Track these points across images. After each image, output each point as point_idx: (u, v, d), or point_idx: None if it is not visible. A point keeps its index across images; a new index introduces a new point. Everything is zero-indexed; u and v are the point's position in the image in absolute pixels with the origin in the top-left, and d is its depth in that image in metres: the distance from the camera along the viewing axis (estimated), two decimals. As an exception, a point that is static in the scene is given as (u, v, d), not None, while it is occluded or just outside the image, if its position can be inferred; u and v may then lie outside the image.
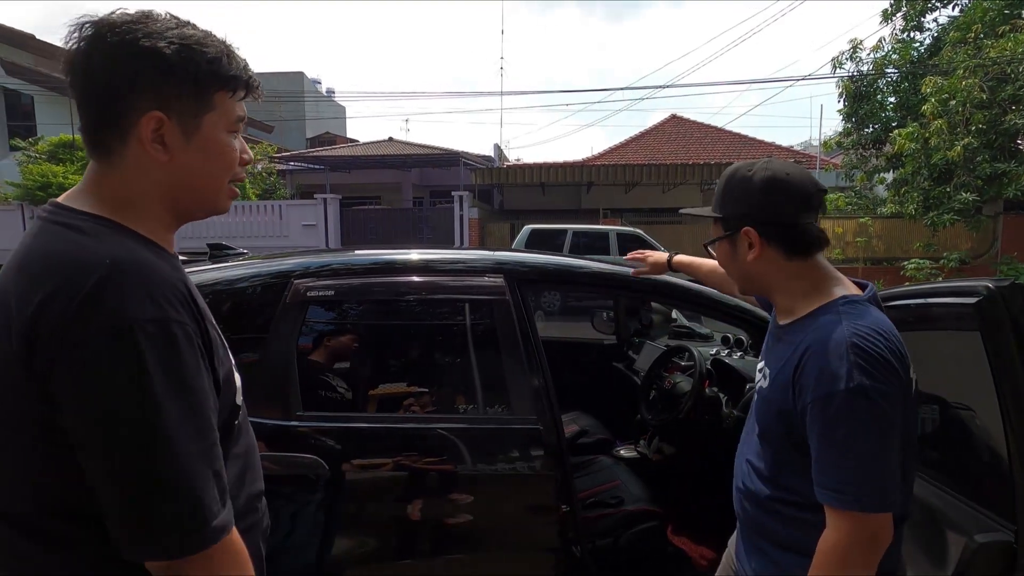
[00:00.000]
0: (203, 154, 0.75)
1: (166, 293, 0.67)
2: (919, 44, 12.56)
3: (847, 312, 0.94)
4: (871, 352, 0.88)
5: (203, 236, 13.13)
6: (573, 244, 10.30)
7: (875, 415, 0.86)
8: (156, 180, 0.73)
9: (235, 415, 0.81)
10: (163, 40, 0.69)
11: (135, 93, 0.69)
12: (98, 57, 0.69)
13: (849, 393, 0.86)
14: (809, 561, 0.96)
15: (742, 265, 1.05)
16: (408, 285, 1.77)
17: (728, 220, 1.04)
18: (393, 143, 18.43)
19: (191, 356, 0.67)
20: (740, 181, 1.02)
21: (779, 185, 0.98)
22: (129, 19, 0.70)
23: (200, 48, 0.72)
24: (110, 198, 0.72)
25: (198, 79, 0.72)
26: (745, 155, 16.70)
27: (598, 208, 15.30)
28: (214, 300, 1.67)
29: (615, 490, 2.09)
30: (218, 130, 0.76)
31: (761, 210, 0.99)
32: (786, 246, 1.00)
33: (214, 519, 0.66)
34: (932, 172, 10.10)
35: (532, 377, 1.65)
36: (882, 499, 0.87)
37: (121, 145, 0.71)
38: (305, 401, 1.60)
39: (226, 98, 0.76)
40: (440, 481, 1.59)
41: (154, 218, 0.75)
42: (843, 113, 13.10)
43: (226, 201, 0.82)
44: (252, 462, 0.88)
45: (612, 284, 2.08)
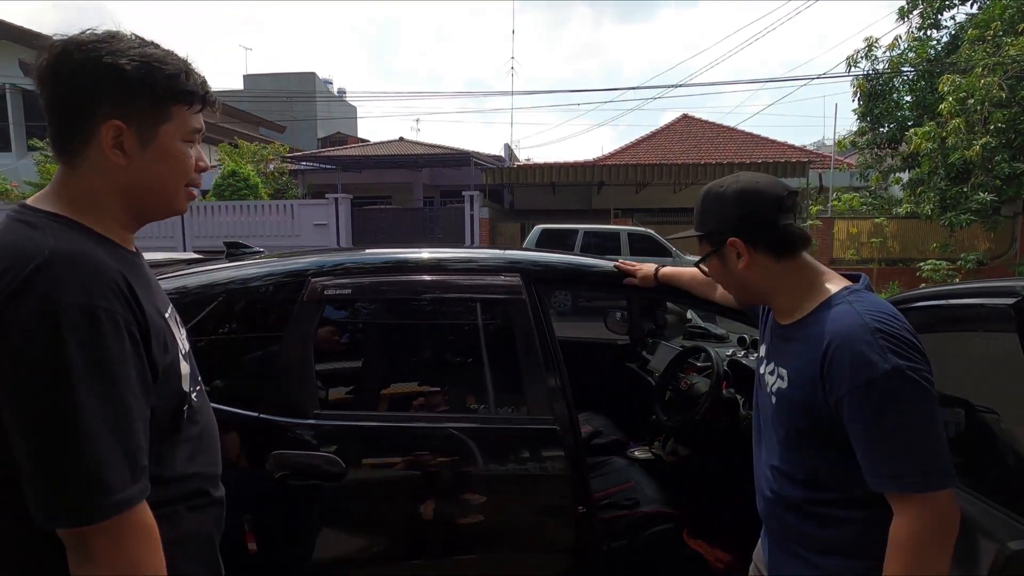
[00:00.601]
0: (159, 160, 0.83)
1: (97, 282, 0.72)
2: (936, 42, 12.38)
3: (857, 300, 0.95)
4: (896, 334, 0.89)
5: (218, 235, 13.28)
6: (584, 244, 10.26)
7: (919, 392, 0.86)
8: (115, 182, 0.81)
9: (183, 401, 0.86)
10: (124, 57, 0.77)
11: (97, 104, 0.77)
12: (64, 71, 0.77)
13: (888, 376, 0.86)
14: (855, 562, 0.95)
15: (736, 275, 1.07)
16: (424, 284, 1.76)
17: (712, 236, 1.08)
18: (404, 143, 18.50)
19: (115, 342, 0.72)
20: (715, 197, 1.07)
21: (751, 193, 1.03)
22: (95, 38, 0.78)
23: (159, 65, 0.80)
24: (70, 198, 0.80)
25: (156, 93, 0.80)
26: (757, 154, 16.57)
27: (609, 208, 15.27)
28: (229, 298, 1.68)
29: (630, 491, 2.07)
30: (174, 139, 0.84)
31: (740, 219, 1.03)
32: (773, 248, 1.03)
33: (115, 493, 0.70)
34: (949, 172, 9.95)
35: (549, 377, 1.63)
36: (945, 474, 0.87)
37: (84, 150, 0.79)
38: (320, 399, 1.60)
39: (183, 111, 0.84)
40: (456, 480, 1.59)
41: (111, 217, 0.82)
42: (858, 112, 12.95)
43: (183, 202, 0.89)
44: (205, 446, 0.93)
45: (629, 285, 2.06)
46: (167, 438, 0.84)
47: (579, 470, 1.60)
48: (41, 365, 0.68)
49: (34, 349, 0.68)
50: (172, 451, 0.85)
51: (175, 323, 0.91)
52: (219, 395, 1.57)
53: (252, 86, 27.00)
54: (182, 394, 0.86)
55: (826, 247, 12.78)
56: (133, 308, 0.76)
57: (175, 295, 1.65)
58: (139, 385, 0.75)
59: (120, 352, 0.72)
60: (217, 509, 0.96)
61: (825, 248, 12.74)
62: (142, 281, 0.82)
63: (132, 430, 0.73)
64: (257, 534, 1.47)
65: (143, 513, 0.74)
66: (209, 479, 0.93)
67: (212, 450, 0.96)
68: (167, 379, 0.82)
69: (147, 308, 0.79)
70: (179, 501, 0.86)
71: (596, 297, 7.46)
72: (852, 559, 0.98)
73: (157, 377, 0.79)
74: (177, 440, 0.86)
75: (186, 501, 0.87)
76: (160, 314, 0.84)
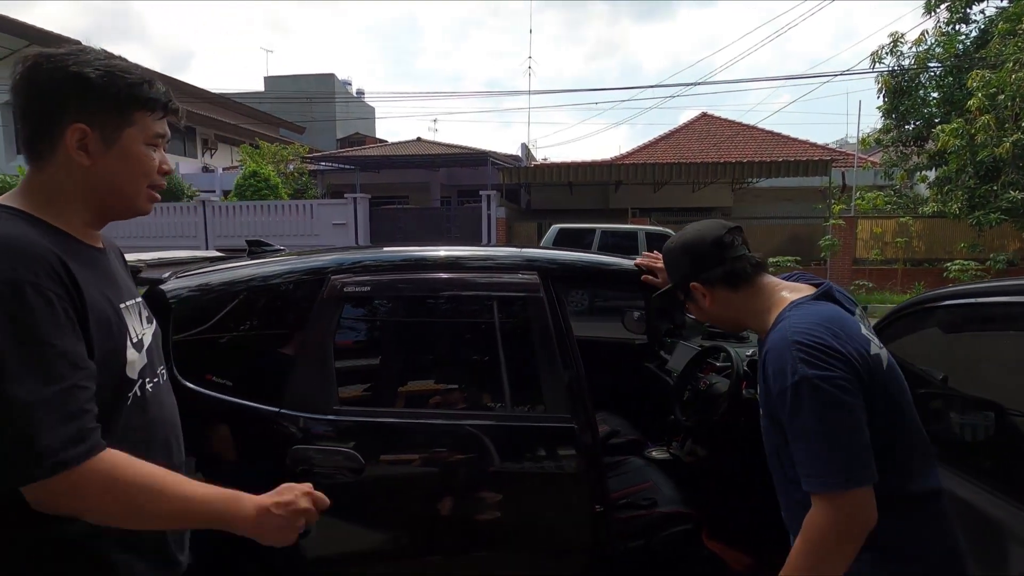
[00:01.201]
0: (122, 161, 0.89)
1: (30, 262, 0.78)
2: (965, 36, 12.08)
3: (792, 315, 1.04)
4: (810, 344, 0.96)
5: (240, 235, 13.49)
6: (601, 244, 10.21)
7: (823, 400, 0.93)
8: (78, 181, 0.87)
9: (125, 388, 0.89)
10: (89, 67, 0.85)
11: (63, 108, 0.85)
12: (35, 80, 0.85)
13: (796, 385, 0.95)
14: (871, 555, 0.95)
15: (707, 312, 1.21)
16: (443, 281, 1.77)
17: (678, 286, 1.23)
18: (421, 143, 18.61)
19: (45, 314, 0.77)
20: (669, 253, 1.26)
21: (692, 242, 1.19)
22: (64, 52, 0.86)
23: (122, 74, 0.87)
24: (29, 195, 0.87)
25: (119, 99, 0.87)
26: (778, 153, 16.32)
27: (626, 208, 15.15)
28: (251, 295, 1.71)
29: (647, 491, 2.05)
30: (137, 142, 0.90)
31: (692, 265, 1.18)
32: (727, 282, 1.14)
33: (53, 455, 0.74)
34: (978, 169, 9.71)
35: (566, 375, 1.63)
36: (847, 476, 0.91)
37: (51, 152, 0.86)
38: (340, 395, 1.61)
39: (146, 117, 0.90)
40: (473, 477, 1.59)
41: (73, 213, 0.89)
42: (882, 109, 12.69)
43: (145, 203, 0.95)
44: (156, 436, 0.96)
45: (648, 283, 2.04)
46: (107, 421, 0.86)
47: (596, 469, 1.59)
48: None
49: None
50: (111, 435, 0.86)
51: (134, 315, 0.96)
52: (240, 390, 1.60)
53: (273, 88, 27.39)
54: (125, 380, 0.89)
55: (849, 247, 12.53)
56: (68, 288, 0.80)
57: (197, 292, 1.68)
58: (76, 355, 0.79)
59: (53, 324, 0.77)
60: None
61: (848, 248, 12.50)
62: (92, 270, 0.88)
63: (68, 394, 0.77)
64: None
65: (94, 467, 0.78)
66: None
67: (166, 441, 0.98)
68: (106, 363, 0.85)
69: (88, 292, 0.84)
70: None
71: (614, 296, 7.42)
72: (872, 553, 0.97)
73: (93, 355, 0.83)
74: (117, 426, 0.88)
75: None
76: (109, 301, 0.88)
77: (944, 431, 1.58)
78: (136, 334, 0.93)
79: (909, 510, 0.99)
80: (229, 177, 17.67)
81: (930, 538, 1.00)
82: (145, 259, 1.71)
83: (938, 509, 1.02)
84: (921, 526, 1.00)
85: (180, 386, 1.51)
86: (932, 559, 0.99)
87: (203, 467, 1.51)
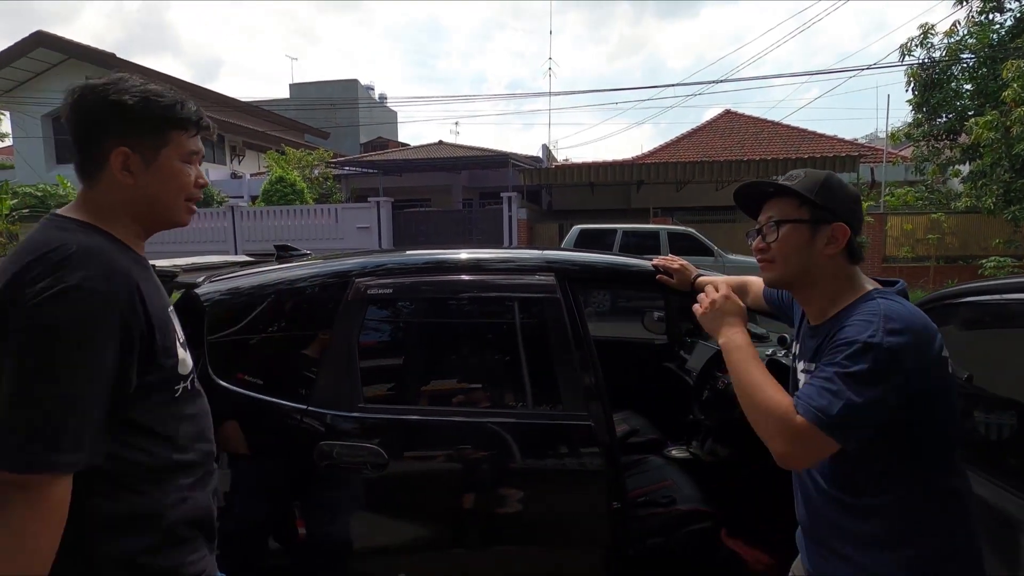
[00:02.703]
0: (160, 178, 0.97)
1: (113, 276, 0.86)
2: (999, 26, 11.69)
3: (882, 298, 1.03)
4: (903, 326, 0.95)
5: (267, 239, 13.80)
6: (623, 244, 10.16)
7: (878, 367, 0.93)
8: (124, 199, 0.96)
9: (178, 381, 0.98)
10: (127, 94, 0.93)
11: (106, 133, 0.93)
12: (80, 110, 0.93)
13: (868, 345, 0.94)
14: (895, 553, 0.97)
15: (812, 255, 1.08)
16: (461, 283, 1.82)
17: (822, 210, 1.07)
18: (443, 146, 18.74)
19: (108, 326, 0.84)
20: (839, 185, 1.11)
21: (859, 201, 1.12)
22: (105, 82, 0.94)
23: (156, 98, 0.95)
24: (90, 210, 0.95)
25: (155, 121, 0.95)
26: (804, 150, 16.01)
27: (648, 207, 15.05)
28: (278, 297, 1.78)
29: (666, 490, 2.06)
30: (173, 160, 0.98)
31: (852, 215, 1.09)
32: (852, 252, 1.10)
33: (55, 453, 0.79)
34: (1014, 163, 9.39)
35: (584, 374, 1.66)
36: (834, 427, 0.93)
37: (99, 172, 0.94)
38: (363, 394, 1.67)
39: (180, 136, 0.98)
40: (492, 474, 1.63)
41: (123, 227, 0.97)
42: (913, 103, 12.36)
43: (183, 216, 1.03)
44: (202, 425, 1.05)
45: (663, 283, 2.06)
46: (170, 412, 0.96)
47: (614, 466, 1.62)
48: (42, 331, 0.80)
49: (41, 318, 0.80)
50: (177, 425, 0.97)
51: (175, 318, 1.04)
52: (270, 388, 1.68)
53: (298, 95, 27.92)
54: (178, 375, 0.98)
55: (878, 244, 12.23)
56: (138, 302, 0.88)
57: (229, 295, 1.76)
58: (115, 369, 0.85)
59: (105, 337, 0.83)
60: (214, 485, 1.08)
61: (877, 245, 12.20)
62: (148, 279, 0.96)
63: (94, 405, 0.83)
64: (306, 519, 1.56)
65: (65, 488, 0.82)
66: (208, 455, 1.05)
67: (208, 431, 1.08)
68: (165, 362, 0.94)
69: (151, 300, 0.92)
70: (184, 470, 0.98)
71: (635, 297, 7.39)
72: (892, 551, 0.99)
73: (156, 357, 0.92)
74: (178, 414, 0.98)
75: (193, 473, 1.00)
76: (164, 307, 0.97)
77: (970, 430, 1.57)
78: (181, 335, 1.02)
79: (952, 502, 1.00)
80: (256, 183, 18.07)
81: (964, 533, 1.00)
82: (180, 264, 1.79)
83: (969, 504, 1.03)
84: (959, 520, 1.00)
85: (214, 384, 1.58)
86: (962, 554, 1.00)
87: (234, 461, 1.59)
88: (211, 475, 1.06)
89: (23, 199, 15.81)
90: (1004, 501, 1.21)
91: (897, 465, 0.99)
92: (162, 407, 0.95)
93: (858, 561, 1.03)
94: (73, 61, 18.29)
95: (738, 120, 19.38)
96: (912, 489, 0.99)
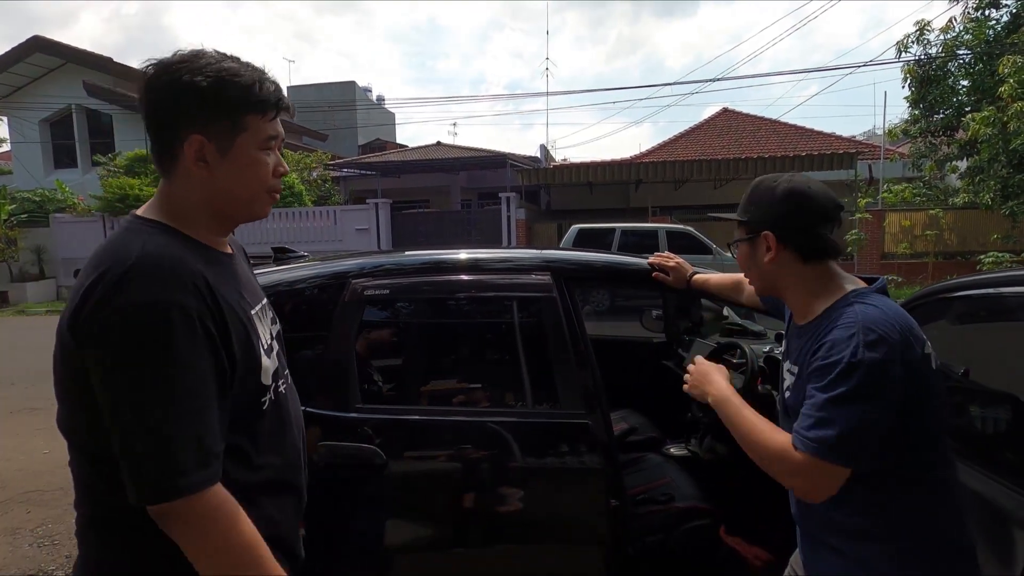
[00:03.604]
0: (237, 169, 0.88)
1: (177, 282, 0.78)
2: (995, 22, 11.71)
3: (859, 302, 1.02)
4: (880, 334, 0.95)
5: (266, 241, 13.80)
6: (622, 243, 10.17)
7: (866, 384, 0.93)
8: (201, 192, 0.88)
9: (262, 393, 0.91)
10: (200, 75, 0.83)
11: (179, 121, 0.84)
12: (152, 95, 0.85)
13: (851, 364, 0.93)
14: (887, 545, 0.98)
15: (759, 266, 1.13)
16: (458, 283, 1.82)
17: (750, 224, 1.13)
18: (441, 147, 18.76)
19: (185, 335, 0.77)
20: (765, 190, 1.12)
21: (798, 196, 1.07)
22: (178, 59, 0.85)
23: (232, 78, 0.85)
24: (165, 207, 0.88)
25: (229, 105, 0.85)
26: (802, 148, 16.03)
27: (647, 206, 15.06)
28: (276, 299, 1.78)
29: (665, 487, 2.07)
30: (250, 148, 0.88)
31: (780, 217, 1.08)
32: (802, 251, 1.08)
33: (185, 476, 0.75)
34: (1011, 158, 9.41)
35: (580, 372, 1.67)
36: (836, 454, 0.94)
37: (173, 164, 0.87)
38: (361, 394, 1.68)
39: (257, 120, 0.88)
40: (489, 473, 1.64)
41: (200, 223, 0.89)
42: (910, 100, 12.37)
43: (263, 208, 0.94)
44: (288, 438, 0.98)
45: (659, 281, 2.07)
46: (248, 427, 0.88)
47: (612, 464, 1.62)
48: (120, 356, 0.75)
49: (114, 342, 0.75)
50: (254, 440, 0.89)
51: (264, 320, 0.96)
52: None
53: (296, 97, 27.89)
54: (261, 386, 0.90)
55: (876, 241, 12.24)
56: (209, 304, 0.81)
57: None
58: (211, 373, 0.80)
59: (191, 345, 0.77)
60: (296, 497, 1.01)
61: (875, 242, 12.21)
62: (228, 279, 0.89)
63: (201, 417, 0.78)
64: (306, 519, 1.56)
65: (215, 495, 0.78)
66: (291, 469, 0.98)
67: (295, 442, 1.00)
68: (245, 372, 0.86)
69: (228, 304, 0.84)
70: (260, 488, 0.90)
71: (634, 296, 7.39)
72: (882, 543, 1.00)
73: (236, 368, 0.84)
74: (258, 430, 0.90)
75: (267, 488, 0.92)
76: (243, 311, 0.89)
77: (965, 424, 1.58)
78: (266, 340, 0.94)
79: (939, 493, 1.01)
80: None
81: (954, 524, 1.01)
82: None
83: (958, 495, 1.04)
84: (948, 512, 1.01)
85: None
86: (952, 546, 1.00)
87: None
88: (293, 490, 0.99)
89: (21, 204, 15.81)
90: (999, 496, 1.21)
91: (885, 461, 1.00)
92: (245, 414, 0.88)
93: (848, 553, 1.04)
94: (71, 66, 18.29)
95: (736, 118, 19.41)
96: (900, 483, 1.00)
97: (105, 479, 0.80)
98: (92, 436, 0.80)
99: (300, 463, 1.01)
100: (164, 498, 0.75)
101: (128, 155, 16.16)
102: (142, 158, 15.89)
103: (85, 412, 0.79)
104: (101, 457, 0.80)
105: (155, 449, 0.75)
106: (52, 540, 3.07)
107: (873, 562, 1.01)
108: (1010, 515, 1.09)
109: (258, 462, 0.90)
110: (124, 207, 15.00)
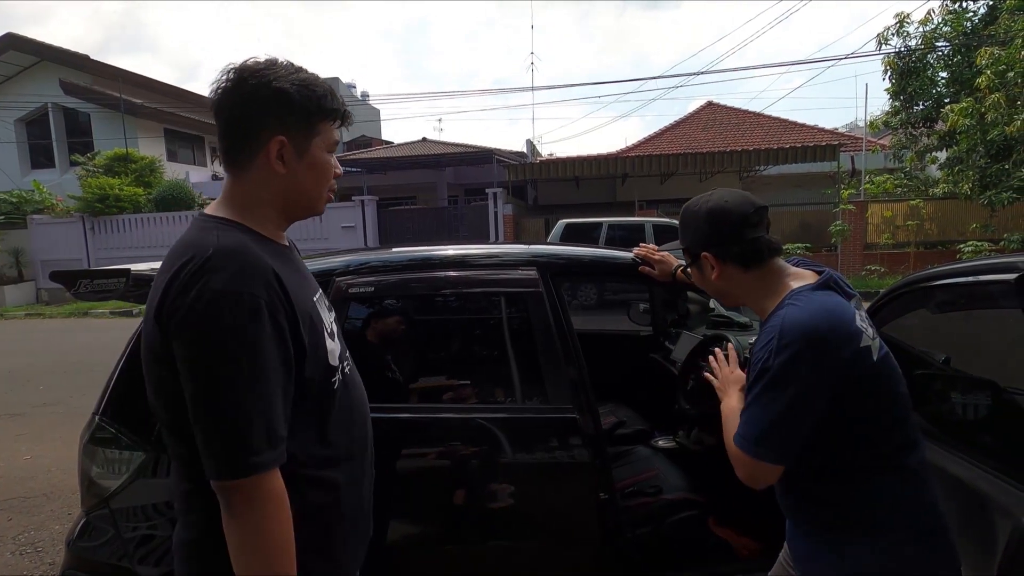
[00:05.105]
0: (311, 169, 0.97)
1: (249, 273, 0.85)
2: (972, 14, 11.89)
3: (790, 303, 1.06)
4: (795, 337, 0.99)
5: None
6: (609, 237, 10.20)
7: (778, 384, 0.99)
8: (274, 189, 0.95)
9: (331, 374, 0.97)
10: (287, 82, 0.91)
11: (266, 122, 0.91)
12: (240, 95, 0.91)
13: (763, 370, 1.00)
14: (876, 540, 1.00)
15: (711, 284, 1.20)
16: (444, 279, 1.81)
17: (689, 250, 1.21)
18: (427, 143, 18.67)
19: (258, 324, 0.83)
20: (691, 215, 1.19)
21: (718, 212, 1.13)
22: (262, 66, 0.92)
23: (313, 88, 0.94)
24: (234, 204, 0.95)
25: (310, 112, 0.94)
26: (786, 139, 16.18)
27: (633, 200, 15.11)
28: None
29: (653, 479, 2.08)
30: (321, 150, 0.97)
31: (710, 236, 1.14)
32: (740, 261, 1.13)
33: (253, 456, 0.81)
34: (989, 149, 9.58)
35: (567, 367, 1.67)
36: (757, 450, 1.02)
37: (249, 161, 0.93)
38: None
39: (328, 126, 0.98)
40: (479, 469, 1.64)
41: (267, 218, 0.97)
42: (890, 91, 12.54)
43: (323, 204, 1.03)
44: (357, 418, 1.05)
45: (644, 274, 2.07)
46: (322, 406, 0.96)
47: (600, 458, 1.63)
48: (200, 342, 0.81)
49: (194, 329, 0.81)
50: (326, 421, 0.96)
51: (323, 306, 1.03)
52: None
53: (278, 94, 27.52)
54: (330, 367, 0.97)
55: (859, 232, 12.41)
56: (279, 295, 0.87)
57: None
58: (279, 362, 0.85)
59: (262, 333, 0.83)
60: (364, 472, 1.08)
61: (858, 233, 12.37)
62: (291, 271, 0.95)
63: (271, 402, 0.84)
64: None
65: (275, 480, 0.84)
66: (360, 444, 1.05)
67: (363, 423, 1.08)
68: (315, 354, 0.93)
69: (295, 294, 0.90)
70: (332, 463, 0.98)
71: (622, 290, 7.43)
72: (857, 531, 1.02)
73: (305, 353, 0.90)
74: (331, 409, 0.97)
75: (338, 463, 0.99)
76: (308, 299, 0.96)
77: (946, 411, 1.60)
78: (328, 325, 1.01)
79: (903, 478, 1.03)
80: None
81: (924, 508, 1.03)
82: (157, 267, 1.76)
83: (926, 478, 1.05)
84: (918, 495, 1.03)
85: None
86: (926, 529, 1.02)
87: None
88: (362, 464, 1.06)
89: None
90: (980, 481, 1.23)
91: (845, 453, 1.03)
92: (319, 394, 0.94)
93: (826, 541, 1.06)
94: (46, 63, 17.91)
95: (720, 111, 19.52)
96: (865, 472, 1.02)
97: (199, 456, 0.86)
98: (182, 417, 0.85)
99: (368, 438, 1.08)
100: (237, 475, 0.80)
101: (107, 154, 15.86)
102: (121, 157, 15.61)
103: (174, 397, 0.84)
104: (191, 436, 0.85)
105: (230, 428, 0.80)
106: (35, 547, 3.02)
107: (848, 549, 1.02)
108: (990, 500, 1.11)
109: (331, 438, 0.97)
110: (104, 207, 14.74)
